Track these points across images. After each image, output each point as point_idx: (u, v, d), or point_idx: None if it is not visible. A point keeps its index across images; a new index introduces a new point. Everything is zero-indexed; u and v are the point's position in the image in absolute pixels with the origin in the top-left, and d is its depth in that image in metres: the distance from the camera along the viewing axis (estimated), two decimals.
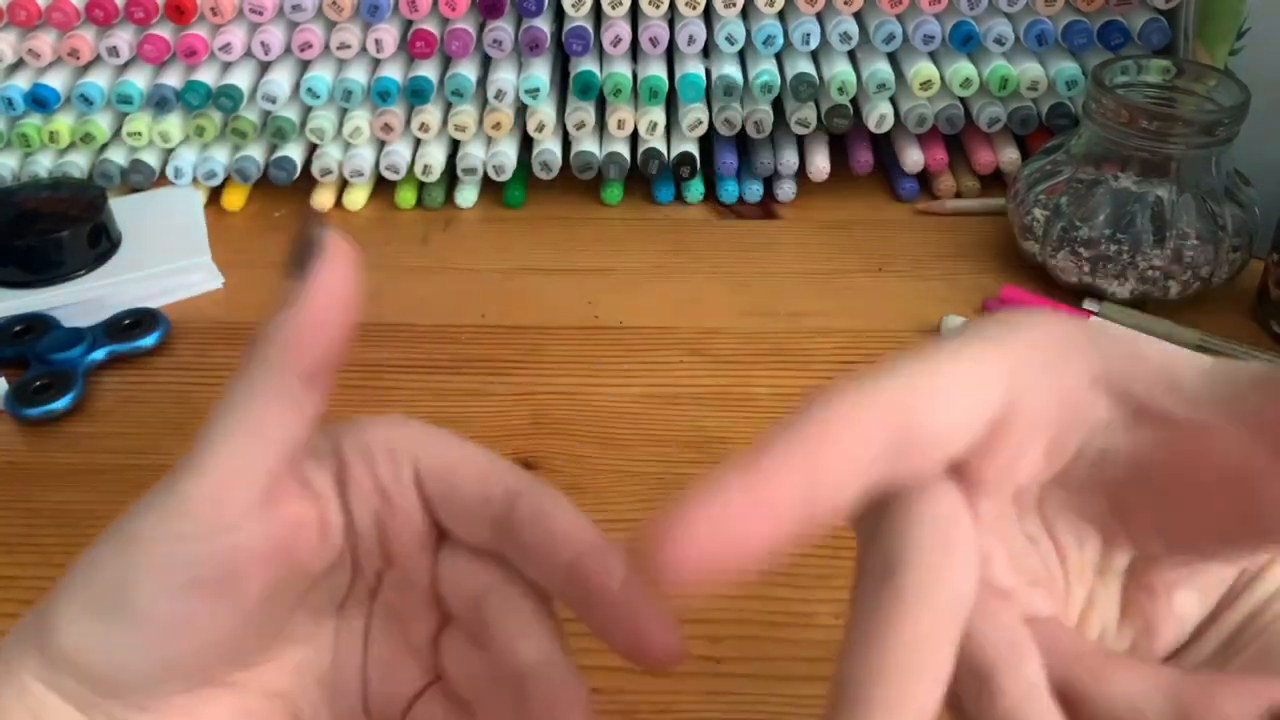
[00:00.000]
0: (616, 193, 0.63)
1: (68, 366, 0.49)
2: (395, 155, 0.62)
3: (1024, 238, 0.54)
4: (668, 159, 0.62)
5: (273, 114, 0.62)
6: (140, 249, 0.57)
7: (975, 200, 0.62)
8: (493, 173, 0.63)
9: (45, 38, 0.60)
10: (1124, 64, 0.53)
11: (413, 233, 0.61)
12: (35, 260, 0.54)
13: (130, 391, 0.49)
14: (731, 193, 0.63)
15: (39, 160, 0.62)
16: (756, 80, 0.60)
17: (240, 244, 0.60)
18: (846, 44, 0.60)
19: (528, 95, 0.61)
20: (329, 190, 0.63)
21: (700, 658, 0.36)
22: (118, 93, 0.60)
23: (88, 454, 0.46)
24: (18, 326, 0.51)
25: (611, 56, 0.61)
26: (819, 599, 0.38)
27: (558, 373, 0.50)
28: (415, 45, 0.60)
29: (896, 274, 0.57)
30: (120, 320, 0.52)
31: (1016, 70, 0.60)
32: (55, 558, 0.41)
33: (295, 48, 0.60)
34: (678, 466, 0.44)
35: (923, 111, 0.61)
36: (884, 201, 0.63)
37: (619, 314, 0.54)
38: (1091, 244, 0.51)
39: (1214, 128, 0.49)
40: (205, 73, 0.61)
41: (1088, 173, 0.52)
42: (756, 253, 0.59)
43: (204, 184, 0.63)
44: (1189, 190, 0.50)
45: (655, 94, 0.60)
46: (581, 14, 0.60)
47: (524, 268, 0.58)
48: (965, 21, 0.60)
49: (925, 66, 0.60)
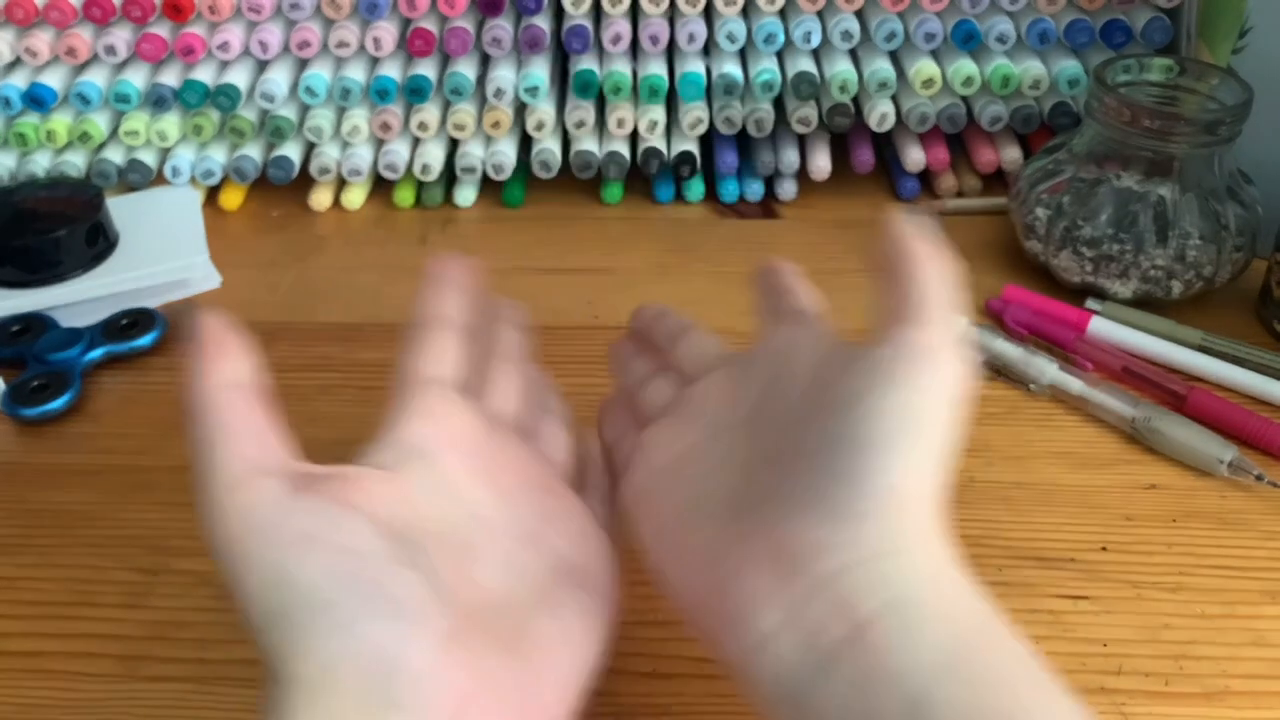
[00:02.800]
0: (616, 192, 0.63)
1: (65, 366, 0.49)
2: (394, 154, 0.62)
3: (1026, 237, 0.54)
4: (668, 158, 0.62)
5: (271, 113, 0.61)
6: (138, 249, 0.57)
7: (977, 199, 0.62)
8: (492, 172, 0.63)
9: (42, 36, 0.60)
10: (1126, 63, 0.52)
11: (411, 232, 0.61)
12: (32, 260, 0.54)
13: (128, 391, 0.49)
14: (732, 192, 0.63)
15: (36, 159, 0.62)
16: (757, 79, 0.60)
17: (238, 243, 0.60)
18: (848, 42, 0.60)
19: (527, 94, 0.61)
20: (327, 189, 0.63)
21: (700, 658, 0.36)
22: (115, 92, 0.60)
23: (85, 454, 0.46)
24: (15, 326, 0.51)
25: (611, 55, 0.61)
26: None
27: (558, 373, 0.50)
28: (414, 43, 0.60)
29: None
30: (118, 320, 0.52)
31: (1018, 69, 0.60)
32: (53, 558, 0.41)
33: (293, 46, 0.60)
34: None
35: (924, 110, 0.61)
36: (885, 201, 0.63)
37: (619, 314, 0.53)
38: (1094, 243, 0.51)
39: (1216, 127, 0.49)
40: (203, 72, 0.61)
41: (1090, 172, 0.52)
42: (757, 252, 0.59)
43: (202, 183, 0.63)
44: (1191, 189, 0.50)
45: (655, 92, 0.60)
46: (581, 12, 0.60)
47: (524, 267, 0.58)
48: (967, 20, 0.60)
49: (927, 65, 0.60)
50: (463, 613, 0.26)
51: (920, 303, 0.27)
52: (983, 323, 0.51)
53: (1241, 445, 0.43)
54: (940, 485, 0.26)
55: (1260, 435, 0.44)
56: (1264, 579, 0.39)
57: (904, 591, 0.25)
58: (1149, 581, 0.39)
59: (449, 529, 0.28)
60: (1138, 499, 0.42)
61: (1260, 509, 0.42)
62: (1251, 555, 0.40)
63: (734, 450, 0.30)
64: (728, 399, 0.32)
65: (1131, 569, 0.39)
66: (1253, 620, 0.37)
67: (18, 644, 0.37)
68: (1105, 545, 0.40)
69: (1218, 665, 0.36)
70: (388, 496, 0.27)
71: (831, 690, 0.24)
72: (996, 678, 0.24)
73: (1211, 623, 0.37)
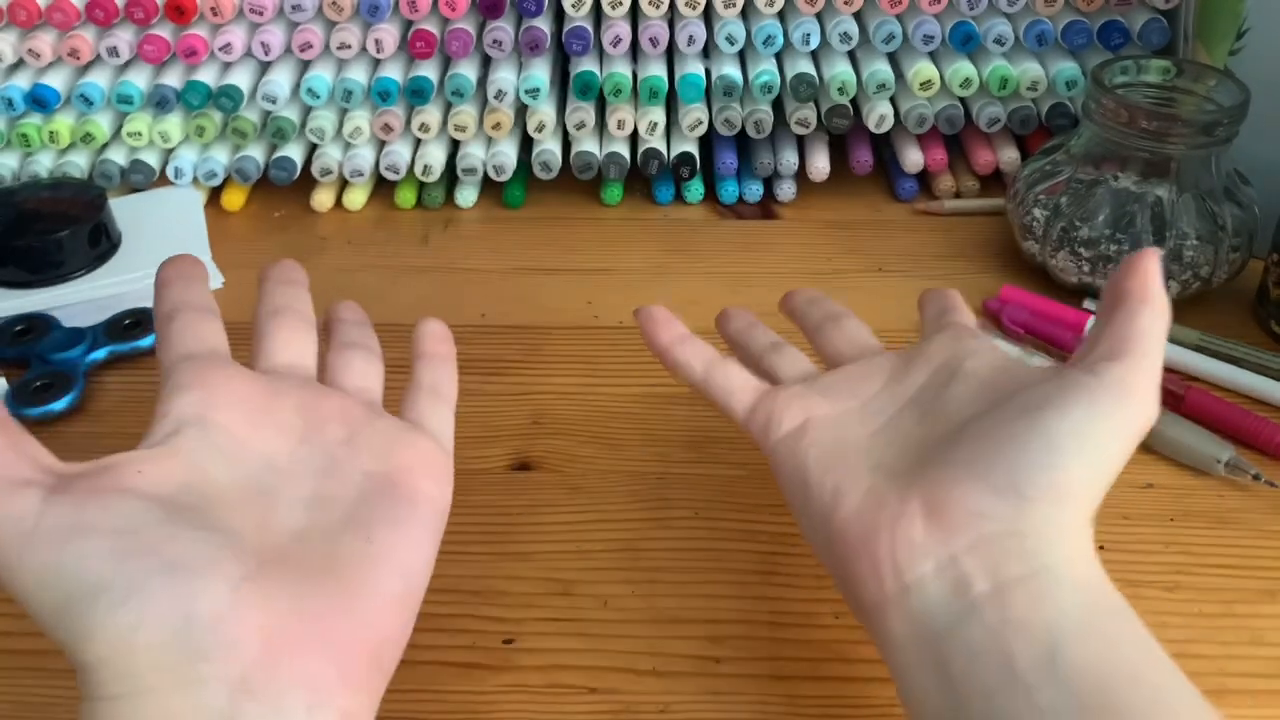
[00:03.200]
0: (616, 193, 0.63)
1: (68, 367, 0.49)
2: (395, 155, 0.62)
3: (1024, 238, 0.54)
4: (668, 159, 0.62)
5: (273, 114, 0.62)
6: (140, 249, 0.57)
7: (975, 200, 0.62)
8: (493, 173, 0.63)
9: (45, 38, 0.60)
10: (1124, 64, 0.53)
11: (413, 233, 0.61)
12: (36, 260, 0.54)
13: (131, 391, 0.49)
14: (731, 193, 0.63)
15: (39, 160, 0.62)
16: (756, 80, 0.60)
17: (240, 244, 0.60)
18: (846, 44, 0.60)
19: (528, 95, 0.61)
20: (329, 190, 0.64)
21: (700, 658, 0.36)
22: (118, 93, 0.61)
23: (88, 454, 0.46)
24: (18, 326, 0.51)
25: (611, 56, 0.61)
26: (819, 599, 0.38)
27: (557, 373, 0.50)
28: (415, 45, 0.60)
29: (896, 274, 0.57)
30: (121, 320, 0.52)
31: (1016, 70, 0.60)
32: None
33: (295, 48, 0.60)
34: (677, 466, 0.44)
35: (922, 112, 0.61)
36: (884, 202, 0.63)
37: (619, 314, 0.54)
38: (1091, 244, 0.51)
39: (1213, 128, 0.49)
40: (205, 73, 0.61)
41: (1087, 173, 0.52)
42: (756, 253, 0.59)
43: (204, 184, 0.63)
44: (1189, 190, 0.50)
45: (655, 94, 0.60)
46: (581, 14, 0.60)
47: (524, 268, 0.58)
48: (965, 22, 0.60)
49: (925, 66, 0.60)
50: (262, 555, 0.27)
51: (1136, 343, 0.30)
52: (980, 323, 0.51)
53: (1239, 445, 0.43)
54: (1097, 501, 0.29)
55: (1257, 435, 0.44)
56: (1261, 578, 0.39)
57: (1048, 562, 0.27)
58: (1146, 581, 0.39)
59: (240, 483, 0.29)
60: (1135, 498, 0.42)
61: (1257, 508, 0.42)
62: (1249, 554, 0.40)
63: (897, 422, 0.33)
64: (885, 379, 0.35)
65: (1129, 568, 0.39)
66: (1250, 619, 0.37)
67: (18, 643, 0.37)
68: (1103, 544, 0.40)
69: (1215, 664, 0.36)
70: (165, 471, 0.28)
71: (970, 634, 0.26)
72: (1127, 644, 0.26)
73: (1209, 622, 0.37)
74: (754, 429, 0.35)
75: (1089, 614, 0.26)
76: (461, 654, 0.36)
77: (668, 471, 0.44)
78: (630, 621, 0.38)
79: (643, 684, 0.36)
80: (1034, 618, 0.26)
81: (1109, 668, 0.25)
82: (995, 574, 0.27)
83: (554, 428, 0.46)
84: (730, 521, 0.42)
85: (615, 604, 0.38)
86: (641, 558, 0.40)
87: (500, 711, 0.35)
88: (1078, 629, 0.26)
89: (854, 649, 0.36)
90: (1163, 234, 0.50)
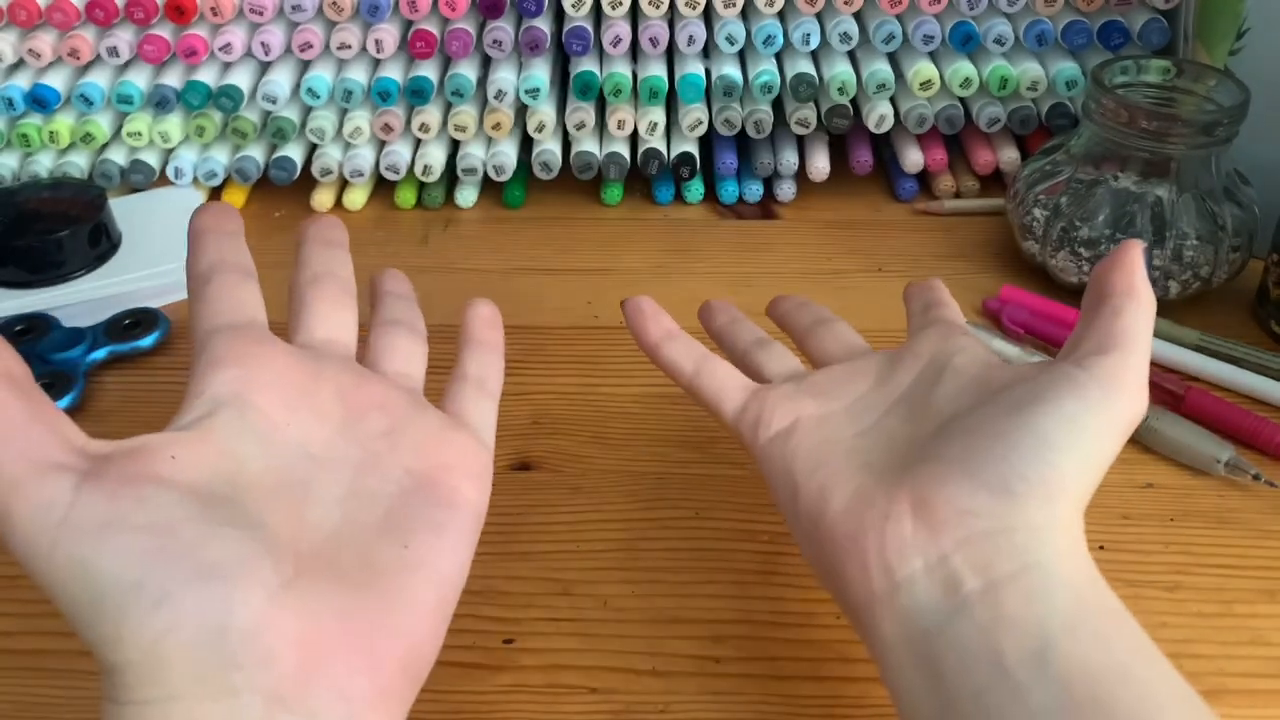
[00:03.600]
0: (616, 193, 0.63)
1: (68, 367, 0.49)
2: (395, 155, 0.62)
3: (1024, 238, 0.54)
4: (668, 159, 0.62)
5: (273, 114, 0.62)
6: (140, 249, 0.57)
7: (975, 200, 0.62)
8: (493, 173, 0.63)
9: (45, 38, 0.60)
10: (1124, 64, 0.53)
11: (413, 233, 0.61)
12: (35, 260, 0.54)
13: (131, 391, 0.49)
14: (731, 193, 0.63)
15: (39, 160, 0.62)
16: (756, 80, 0.60)
17: None
18: (846, 44, 0.60)
19: (528, 95, 0.61)
20: (329, 190, 0.64)
21: (700, 658, 0.36)
22: (118, 93, 0.61)
23: None
24: (18, 326, 0.51)
25: (611, 57, 0.61)
26: (819, 599, 0.38)
27: (557, 373, 0.50)
28: (415, 45, 0.60)
29: (896, 274, 0.57)
30: (120, 320, 0.52)
31: (1016, 70, 0.60)
32: None
33: (295, 48, 0.60)
34: (677, 466, 0.44)
35: (922, 112, 0.61)
36: (883, 202, 0.64)
37: (619, 314, 0.54)
38: (1091, 244, 0.51)
39: (1213, 128, 0.49)
40: (205, 73, 0.61)
41: (1087, 173, 0.52)
42: (756, 253, 0.59)
43: (204, 184, 0.63)
44: (1188, 190, 0.50)
45: (655, 94, 0.60)
46: (581, 14, 0.60)
47: (524, 268, 0.58)
48: (965, 22, 0.60)
49: (925, 66, 0.60)
50: (298, 557, 0.26)
51: (1124, 337, 0.30)
52: (980, 323, 0.51)
53: (1238, 445, 0.44)
54: (1088, 496, 0.29)
55: (1257, 435, 0.44)
56: (1261, 578, 0.39)
57: (1039, 559, 0.27)
58: (1146, 580, 0.39)
59: (276, 471, 0.28)
60: (1135, 498, 0.42)
61: (1257, 508, 0.42)
62: (1249, 554, 0.40)
63: (886, 421, 0.33)
64: (874, 379, 0.35)
65: (1129, 568, 0.39)
66: (1250, 619, 0.37)
67: (19, 643, 0.37)
68: (1102, 544, 0.40)
69: (1215, 664, 0.36)
70: (198, 456, 0.27)
71: (959, 631, 0.26)
72: (1118, 641, 0.26)
73: (1209, 622, 0.37)
74: (743, 429, 0.34)
75: (1080, 610, 0.26)
76: (461, 654, 0.36)
77: (668, 471, 0.44)
78: (630, 621, 0.38)
79: (643, 684, 0.36)
80: (1025, 615, 0.26)
81: (1099, 665, 0.25)
82: (986, 571, 0.27)
83: (554, 428, 0.46)
84: (730, 521, 0.42)
85: (615, 604, 0.38)
86: (641, 558, 0.40)
87: (500, 711, 0.35)
88: (1068, 626, 0.26)
89: (854, 649, 0.36)
90: (1163, 234, 0.50)
